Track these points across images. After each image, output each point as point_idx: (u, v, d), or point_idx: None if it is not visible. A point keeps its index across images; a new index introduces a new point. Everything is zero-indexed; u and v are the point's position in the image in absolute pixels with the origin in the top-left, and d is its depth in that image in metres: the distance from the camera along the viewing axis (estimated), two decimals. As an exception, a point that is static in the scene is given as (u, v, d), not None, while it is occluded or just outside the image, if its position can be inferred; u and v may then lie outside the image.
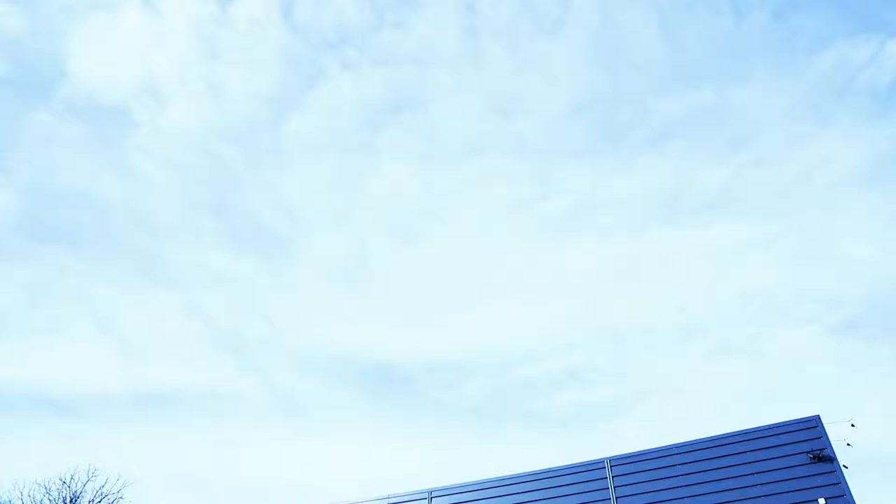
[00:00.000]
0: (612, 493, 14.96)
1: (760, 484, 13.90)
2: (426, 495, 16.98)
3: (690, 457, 14.69)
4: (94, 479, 58.48)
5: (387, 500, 17.49)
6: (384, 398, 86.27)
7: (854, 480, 13.69)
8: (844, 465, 13.84)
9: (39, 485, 55.31)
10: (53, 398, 66.12)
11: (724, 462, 14.38)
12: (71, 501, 38.97)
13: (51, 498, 42.71)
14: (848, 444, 14.45)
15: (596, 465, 15.46)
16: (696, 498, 14.23)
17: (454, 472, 16.93)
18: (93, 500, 39.44)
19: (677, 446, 15.01)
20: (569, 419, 77.32)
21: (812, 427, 14.10)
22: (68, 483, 41.83)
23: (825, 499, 13.33)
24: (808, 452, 13.84)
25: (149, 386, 71.92)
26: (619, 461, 15.30)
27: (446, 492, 16.83)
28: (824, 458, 13.72)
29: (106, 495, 40.05)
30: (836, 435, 14.11)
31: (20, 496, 49.03)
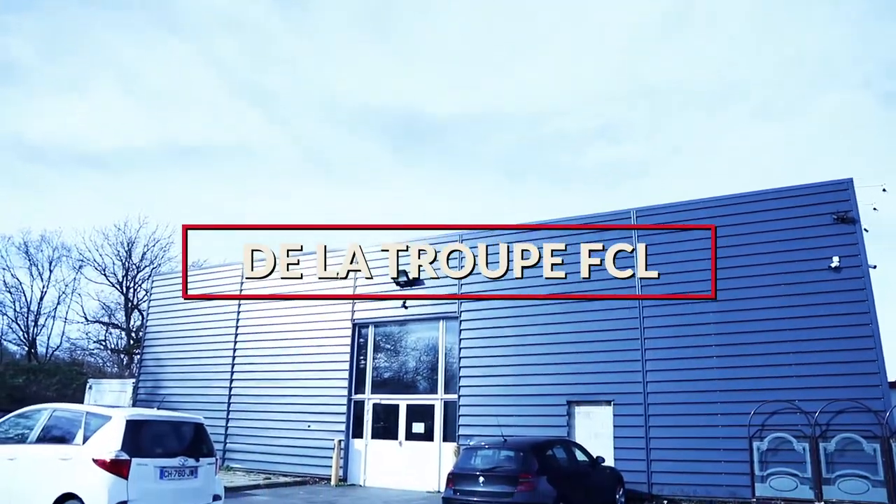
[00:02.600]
0: (635, 243, 15.58)
1: (780, 241, 14.37)
2: (457, 237, 17.91)
3: (716, 211, 15.03)
4: (145, 225, 62.58)
5: (418, 241, 18.48)
6: (411, 150, 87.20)
7: (872, 246, 14.12)
8: (865, 229, 14.15)
9: (98, 231, 59.67)
10: (90, 154, 68.16)
11: (749, 219, 14.74)
12: (128, 245, 42.25)
13: (110, 243, 46.23)
14: (874, 209, 14.64)
15: (621, 216, 15.93)
16: (718, 250, 14.77)
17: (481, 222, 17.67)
18: (147, 245, 42.69)
19: (704, 201, 15.30)
20: (595, 176, 78.20)
21: (842, 190, 14.17)
22: (123, 229, 45.04)
23: (839, 257, 13.81)
24: (832, 213, 14.06)
25: (179, 140, 73.50)
26: (644, 212, 15.73)
27: (476, 234, 17.70)
28: (847, 219, 13.97)
29: (158, 240, 43.28)
30: (865, 200, 14.26)
31: (83, 241, 53.37)
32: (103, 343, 43.37)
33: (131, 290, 41.97)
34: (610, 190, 77.51)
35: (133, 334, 40.71)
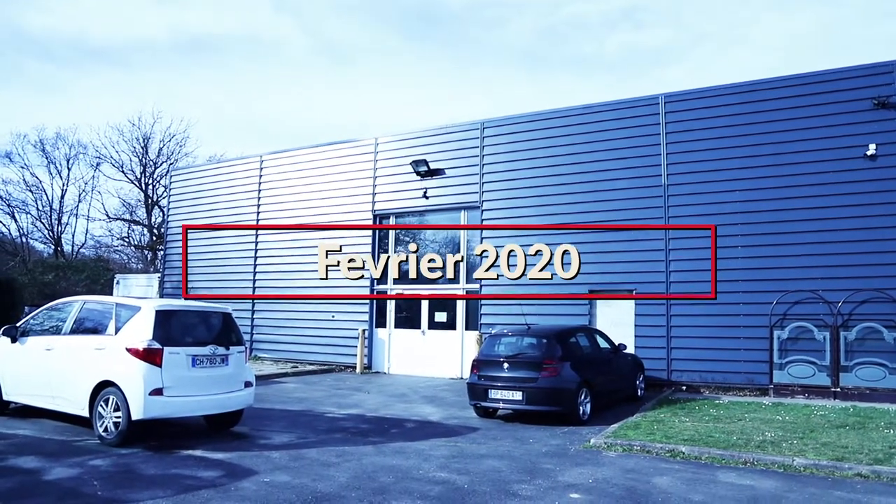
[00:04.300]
0: (662, 130, 15.06)
1: (814, 127, 13.79)
2: (478, 126, 17.43)
3: (749, 97, 14.36)
4: (159, 120, 62.07)
5: (441, 131, 18.07)
6: (428, 40, 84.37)
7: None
8: (904, 116, 13.51)
9: (112, 127, 59.26)
10: (99, 49, 66.45)
11: (782, 104, 14.09)
12: (144, 141, 41.93)
13: (125, 139, 45.97)
14: None
15: (649, 102, 15.30)
16: (747, 137, 14.29)
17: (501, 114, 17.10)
18: (163, 140, 42.37)
19: (736, 85, 14.60)
20: (618, 65, 75.41)
21: (885, 73, 13.40)
22: (137, 125, 44.60)
23: (876, 145, 13.27)
24: (872, 98, 13.39)
25: (189, 32, 71.30)
26: (673, 98, 15.08)
27: (498, 122, 17.23)
28: (888, 105, 13.30)
29: (173, 136, 42.94)
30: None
31: (98, 137, 53.04)
32: (126, 240, 44.07)
33: (150, 187, 42.10)
34: (634, 79, 74.93)
35: (155, 230, 41.19)
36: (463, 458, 7.75)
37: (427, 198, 17.88)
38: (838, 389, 12.91)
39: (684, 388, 14.34)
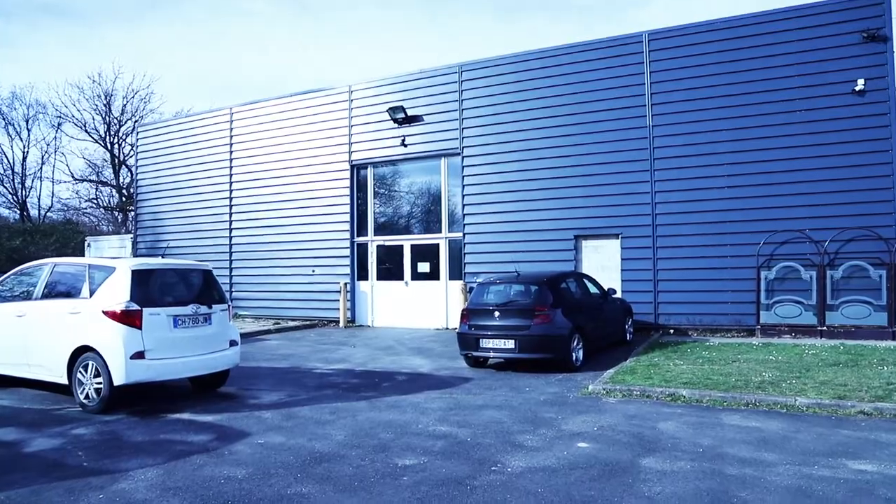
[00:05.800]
0: (646, 69, 14.65)
1: (801, 63, 13.49)
2: (456, 69, 16.81)
3: (735, 32, 13.97)
4: (121, 76, 59.68)
5: (417, 76, 17.41)
6: None
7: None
8: (896, 50, 13.24)
9: (72, 85, 56.95)
10: (51, 3, 63.37)
11: (769, 39, 13.74)
12: (106, 98, 40.32)
13: (86, 97, 44.20)
14: None
15: (632, 40, 14.82)
16: (733, 74, 13.97)
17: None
18: (126, 97, 40.79)
19: (722, 21, 14.16)
20: (595, 6, 74.02)
21: (876, 4, 13.04)
22: (98, 81, 42.85)
23: (864, 80, 13.02)
24: (862, 31, 13.07)
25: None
26: (657, 35, 14.61)
27: (477, 65, 16.63)
28: (879, 38, 13.00)
29: (136, 91, 41.37)
30: (902, 16, 13.23)
31: (58, 96, 50.99)
32: (95, 201, 42.81)
33: (116, 146, 40.71)
34: (606, 24, 73.72)
35: (124, 191, 40.02)
36: (461, 409, 7.56)
37: (405, 146, 17.34)
38: (824, 328, 12.97)
39: (672, 331, 14.32)
